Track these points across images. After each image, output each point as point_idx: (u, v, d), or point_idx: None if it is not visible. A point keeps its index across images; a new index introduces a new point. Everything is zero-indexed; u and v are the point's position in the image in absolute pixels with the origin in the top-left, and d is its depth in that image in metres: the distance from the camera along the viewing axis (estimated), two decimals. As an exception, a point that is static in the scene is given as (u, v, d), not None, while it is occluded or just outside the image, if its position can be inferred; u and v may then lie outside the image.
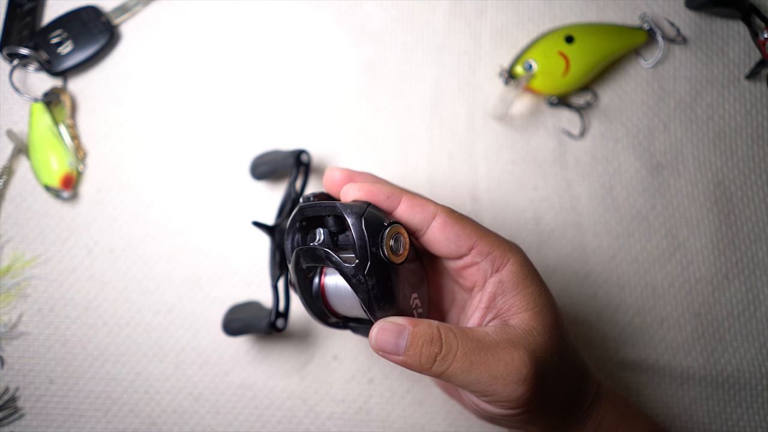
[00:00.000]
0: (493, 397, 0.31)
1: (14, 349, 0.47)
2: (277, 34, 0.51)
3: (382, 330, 0.32)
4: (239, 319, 0.45)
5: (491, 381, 0.31)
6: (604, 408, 0.37)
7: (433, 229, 0.33)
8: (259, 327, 0.42)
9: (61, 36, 0.49)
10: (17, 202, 0.49)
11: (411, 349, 0.32)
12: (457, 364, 0.31)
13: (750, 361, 0.48)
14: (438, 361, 0.31)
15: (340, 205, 0.32)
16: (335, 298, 0.35)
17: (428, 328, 0.32)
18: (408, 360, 0.32)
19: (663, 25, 0.52)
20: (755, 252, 0.50)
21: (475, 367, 0.31)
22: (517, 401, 0.31)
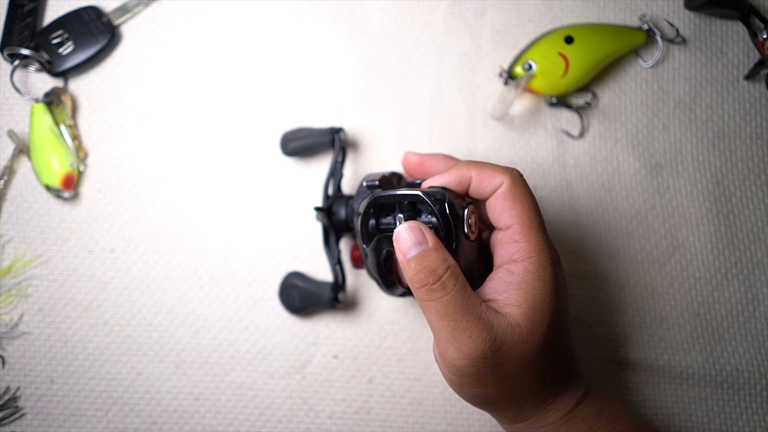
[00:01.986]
0: (443, 354, 0.33)
1: (15, 349, 0.47)
2: (277, 34, 0.52)
3: (410, 228, 0.34)
4: (299, 298, 0.47)
5: (450, 339, 0.33)
6: (587, 413, 0.36)
7: (494, 195, 0.36)
8: (323, 303, 0.46)
9: (62, 36, 0.49)
10: (18, 202, 0.49)
11: (414, 262, 0.33)
12: (436, 305, 0.33)
13: (749, 360, 0.48)
14: (425, 289, 0.33)
15: (424, 193, 0.35)
16: None
17: (442, 261, 0.33)
18: (405, 265, 0.34)
19: (662, 25, 0.52)
20: (754, 252, 0.50)
21: (446, 319, 0.33)
22: (458, 370, 0.33)
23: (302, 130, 0.49)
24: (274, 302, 0.49)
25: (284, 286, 0.47)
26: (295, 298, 0.46)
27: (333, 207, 0.45)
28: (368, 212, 0.37)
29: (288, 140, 0.49)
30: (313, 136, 0.48)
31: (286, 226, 0.50)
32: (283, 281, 0.47)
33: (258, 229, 0.49)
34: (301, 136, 0.48)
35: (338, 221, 0.45)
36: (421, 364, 0.48)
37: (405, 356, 0.48)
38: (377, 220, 0.37)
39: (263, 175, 0.50)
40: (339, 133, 0.47)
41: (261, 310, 0.48)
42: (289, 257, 0.49)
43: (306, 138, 0.48)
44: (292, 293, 0.47)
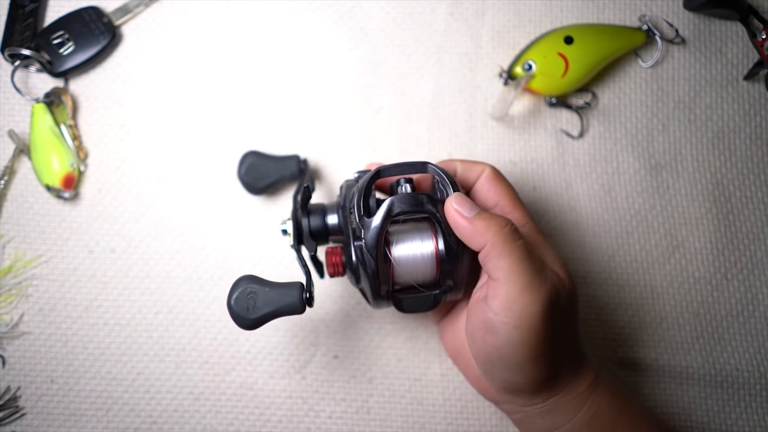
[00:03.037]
0: (513, 304, 0.33)
1: (15, 349, 0.47)
2: (277, 34, 0.52)
3: (463, 196, 0.35)
4: (262, 304, 0.36)
5: (528, 284, 0.33)
6: (601, 400, 0.37)
7: (480, 180, 0.39)
8: (291, 306, 0.36)
9: (62, 37, 0.49)
10: (19, 202, 0.49)
11: (481, 218, 0.34)
12: (520, 246, 0.34)
13: (749, 360, 0.48)
14: (507, 229, 0.34)
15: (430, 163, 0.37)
16: (408, 262, 0.37)
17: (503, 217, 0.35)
18: (478, 220, 0.34)
19: (662, 25, 0.52)
20: (754, 252, 0.50)
21: (527, 261, 0.33)
22: (530, 318, 0.33)
23: (260, 163, 0.47)
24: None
25: (239, 294, 0.36)
26: (253, 305, 0.36)
27: (308, 214, 0.41)
28: (370, 186, 0.36)
29: (250, 181, 0.46)
30: (277, 172, 0.46)
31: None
32: (234, 287, 0.36)
33: (258, 229, 0.49)
34: (263, 175, 0.47)
35: (316, 225, 0.40)
36: (421, 364, 0.48)
37: (405, 356, 0.48)
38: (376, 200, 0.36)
39: (263, 175, 0.50)
40: (303, 163, 0.46)
41: (261, 309, 0.48)
42: (289, 257, 0.49)
43: (270, 176, 0.47)
44: (247, 299, 0.36)
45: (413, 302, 0.38)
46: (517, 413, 0.38)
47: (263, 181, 0.47)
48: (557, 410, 0.36)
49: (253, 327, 0.36)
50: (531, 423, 0.38)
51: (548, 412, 0.36)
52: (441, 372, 0.48)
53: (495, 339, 0.34)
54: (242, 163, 0.47)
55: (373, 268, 0.35)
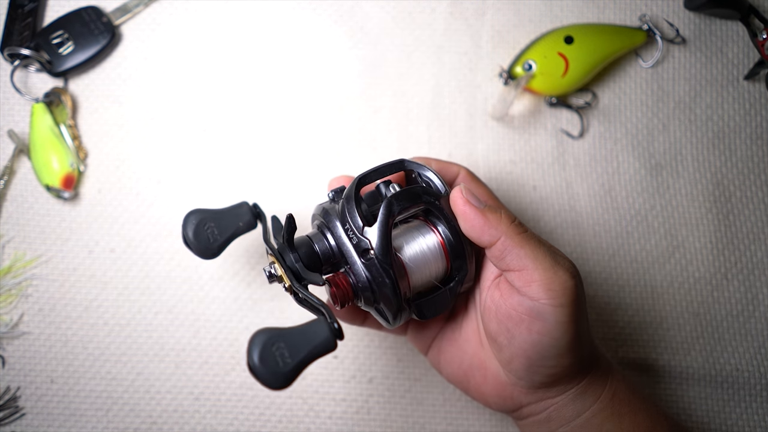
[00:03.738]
0: (551, 282, 0.33)
1: (15, 349, 0.47)
2: (277, 34, 0.52)
3: (468, 187, 0.35)
4: (292, 352, 0.31)
5: (554, 264, 0.33)
6: (617, 379, 0.37)
7: (457, 181, 0.39)
8: (323, 344, 0.31)
9: (62, 36, 0.49)
10: (18, 202, 0.49)
11: (490, 207, 0.34)
12: (532, 235, 0.34)
13: (749, 360, 0.48)
14: (517, 222, 0.34)
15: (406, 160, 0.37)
16: (418, 261, 0.35)
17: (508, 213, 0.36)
18: (490, 213, 0.34)
19: (662, 25, 0.52)
20: (754, 252, 0.50)
21: (545, 245, 0.34)
22: (567, 292, 0.33)
23: (207, 220, 0.39)
24: (273, 303, 0.49)
25: (263, 348, 0.30)
26: (283, 356, 0.30)
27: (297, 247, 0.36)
28: (358, 195, 0.34)
29: (202, 246, 0.38)
30: (230, 226, 0.39)
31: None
32: (253, 344, 0.30)
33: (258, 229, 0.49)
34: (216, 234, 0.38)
35: (307, 256, 0.35)
36: (421, 364, 0.48)
37: (405, 356, 0.48)
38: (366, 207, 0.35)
39: (263, 174, 0.50)
40: (255, 207, 0.40)
41: (261, 309, 0.48)
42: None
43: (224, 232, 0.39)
44: (275, 351, 0.30)
45: (431, 305, 0.36)
46: (545, 411, 0.37)
47: (218, 240, 0.38)
48: (588, 391, 0.36)
49: (291, 382, 0.30)
50: (561, 414, 0.37)
51: (581, 394, 0.36)
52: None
53: (543, 324, 0.33)
54: (185, 225, 0.38)
55: (392, 277, 0.33)
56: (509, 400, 0.38)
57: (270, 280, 0.36)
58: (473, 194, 0.35)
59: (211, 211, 0.39)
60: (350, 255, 0.34)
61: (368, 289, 0.34)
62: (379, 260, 0.33)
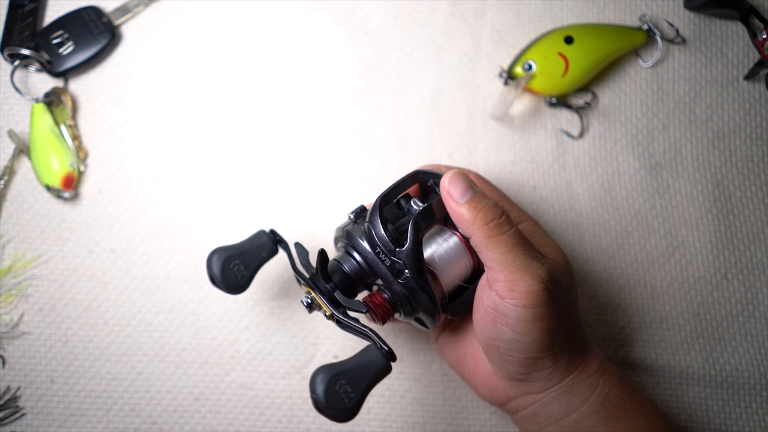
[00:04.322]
0: (516, 286, 0.34)
1: (15, 349, 0.47)
2: (277, 34, 0.52)
3: (457, 174, 0.35)
4: (354, 386, 0.33)
5: (523, 267, 0.34)
6: (611, 383, 0.37)
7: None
8: (380, 370, 0.34)
9: (62, 37, 0.49)
10: (18, 202, 0.49)
11: (474, 202, 0.34)
12: (507, 237, 0.34)
13: (749, 360, 0.48)
14: (494, 223, 0.34)
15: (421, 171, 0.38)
16: (446, 265, 0.37)
17: (494, 201, 0.35)
18: (467, 210, 0.34)
19: (662, 25, 0.52)
20: (754, 252, 0.50)
21: (518, 249, 0.34)
22: (534, 296, 0.33)
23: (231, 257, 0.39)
24: (274, 303, 0.49)
25: (327, 387, 0.32)
26: (347, 392, 0.33)
27: (329, 273, 0.37)
28: (383, 216, 0.35)
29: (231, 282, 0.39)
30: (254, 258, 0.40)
31: (286, 225, 0.50)
32: (316, 385, 0.32)
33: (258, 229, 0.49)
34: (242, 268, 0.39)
35: (345, 283, 0.37)
36: (421, 364, 0.48)
37: (405, 356, 0.48)
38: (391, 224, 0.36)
39: (262, 174, 0.50)
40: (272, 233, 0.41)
41: (261, 310, 0.48)
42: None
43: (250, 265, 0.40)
44: (338, 389, 0.32)
45: (464, 301, 0.38)
46: (531, 406, 0.38)
47: (245, 275, 0.39)
48: (573, 391, 0.37)
49: (356, 413, 0.33)
50: (546, 412, 0.37)
51: (565, 394, 0.37)
52: (441, 372, 0.48)
53: (507, 320, 0.35)
54: (211, 265, 0.39)
55: (429, 291, 0.35)
56: (497, 391, 0.39)
57: (309, 310, 0.37)
58: (460, 183, 0.35)
59: (233, 248, 0.39)
60: (386, 277, 0.36)
61: (407, 304, 0.36)
62: (415, 279, 0.35)
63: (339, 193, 0.50)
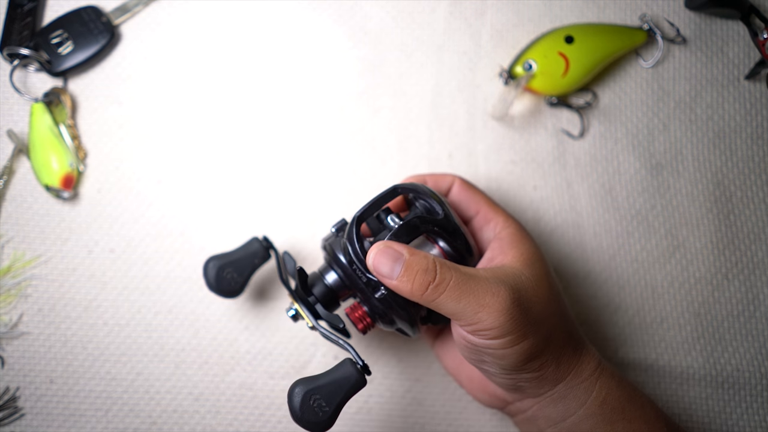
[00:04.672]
0: (478, 326, 0.34)
1: (15, 349, 0.47)
2: (277, 34, 0.52)
3: (380, 252, 0.35)
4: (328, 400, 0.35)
5: (478, 309, 0.33)
6: (609, 385, 0.37)
7: (452, 192, 0.40)
8: (354, 385, 0.36)
9: (61, 36, 0.49)
10: (18, 202, 0.49)
11: (405, 276, 0.34)
12: (449, 293, 0.34)
13: (750, 360, 0.48)
14: (431, 289, 0.34)
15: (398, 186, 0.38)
16: None
17: (424, 258, 0.34)
18: (400, 285, 0.34)
19: (663, 25, 0.52)
20: (755, 252, 0.50)
21: (465, 296, 0.34)
22: (500, 329, 0.33)
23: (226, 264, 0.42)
24: (273, 303, 0.49)
25: (302, 402, 0.35)
26: (321, 406, 0.35)
27: (311, 284, 0.39)
28: (359, 235, 0.36)
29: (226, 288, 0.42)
30: (247, 264, 0.42)
31: (286, 225, 0.49)
32: (293, 400, 0.35)
33: (258, 229, 0.49)
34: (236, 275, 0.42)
35: (323, 295, 0.39)
36: (421, 364, 0.48)
37: (405, 356, 0.48)
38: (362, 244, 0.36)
39: (262, 174, 0.50)
40: (265, 241, 0.43)
41: (261, 310, 0.48)
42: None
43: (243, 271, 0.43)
44: (312, 404, 0.35)
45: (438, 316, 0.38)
46: (529, 410, 0.38)
47: (239, 281, 0.43)
48: (569, 396, 0.37)
49: (332, 424, 0.35)
50: (544, 415, 0.38)
51: (561, 398, 0.37)
52: (441, 372, 0.48)
53: (480, 350, 0.35)
54: (207, 273, 0.42)
55: (407, 309, 0.36)
56: (494, 397, 0.40)
57: (295, 320, 0.39)
58: (384, 260, 0.34)
59: (227, 255, 0.43)
60: (363, 292, 0.37)
61: (385, 316, 0.37)
62: (391, 295, 0.36)
63: (339, 193, 0.50)
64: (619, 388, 0.38)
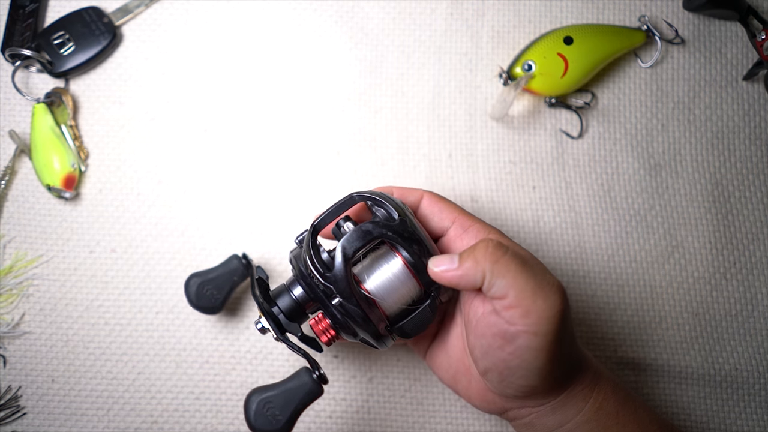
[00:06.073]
0: (530, 310, 0.33)
1: (16, 349, 0.47)
2: (277, 34, 0.52)
3: (438, 257, 0.35)
4: (281, 408, 0.36)
5: (537, 289, 0.33)
6: (605, 391, 0.37)
7: (422, 206, 0.39)
8: (309, 394, 0.36)
9: (63, 37, 0.49)
10: (20, 202, 0.49)
11: (462, 255, 0.34)
12: (510, 259, 0.33)
13: (748, 360, 0.48)
14: (491, 248, 0.34)
15: (356, 193, 0.38)
16: (387, 289, 0.36)
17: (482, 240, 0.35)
18: (464, 265, 0.34)
19: (661, 26, 0.52)
20: (753, 252, 0.50)
21: (528, 268, 0.33)
22: (547, 322, 0.33)
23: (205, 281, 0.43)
24: (274, 302, 0.49)
25: (256, 411, 0.35)
26: (275, 414, 0.35)
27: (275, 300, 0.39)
28: (315, 244, 0.36)
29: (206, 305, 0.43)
30: (226, 281, 0.43)
31: (286, 225, 0.50)
32: (248, 408, 0.36)
33: (258, 229, 0.50)
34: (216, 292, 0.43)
35: (288, 307, 0.38)
36: (421, 364, 0.48)
37: (405, 356, 0.48)
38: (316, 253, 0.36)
39: (262, 174, 0.50)
40: (244, 258, 0.43)
41: (261, 309, 0.49)
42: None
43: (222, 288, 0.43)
44: (266, 412, 0.35)
45: (414, 323, 0.37)
46: (527, 416, 0.38)
47: (218, 297, 0.44)
48: (567, 404, 0.37)
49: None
50: (542, 423, 0.38)
51: (559, 407, 0.37)
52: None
53: (514, 347, 0.34)
54: (188, 290, 0.44)
55: (361, 315, 0.35)
56: (492, 404, 0.39)
57: (262, 333, 0.39)
58: (443, 257, 0.35)
59: (207, 272, 0.44)
60: (321, 301, 0.36)
61: (346, 326, 0.36)
62: (346, 303, 0.35)
63: (339, 193, 0.50)
64: (614, 393, 0.38)
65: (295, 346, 0.38)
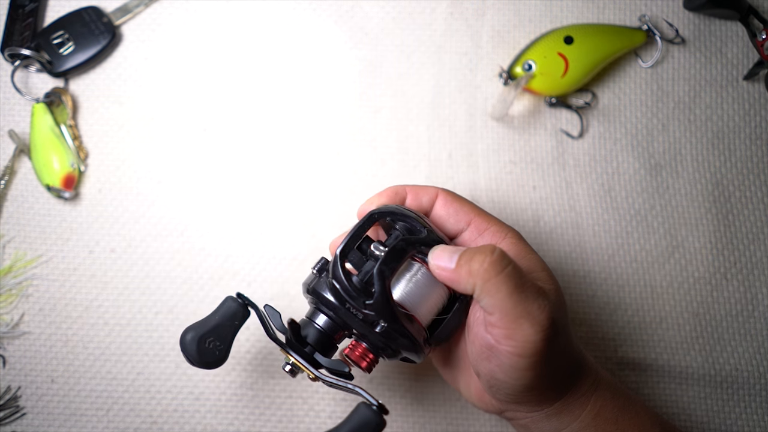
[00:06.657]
0: (514, 334, 0.32)
1: (16, 349, 0.47)
2: (277, 34, 0.52)
3: (439, 249, 0.35)
4: None
5: (524, 314, 0.32)
6: (603, 397, 0.37)
7: (436, 207, 0.37)
8: (374, 427, 0.34)
9: (62, 37, 0.49)
10: (19, 202, 0.49)
11: (466, 255, 0.33)
12: (507, 276, 0.32)
13: (748, 360, 0.48)
14: (487, 262, 0.33)
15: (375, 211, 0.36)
16: (418, 300, 0.36)
17: (484, 245, 0.34)
18: (458, 268, 0.33)
19: (662, 25, 0.52)
20: (753, 252, 0.50)
21: (519, 291, 0.32)
22: (532, 347, 0.32)
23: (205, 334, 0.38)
24: (274, 302, 0.48)
25: None
26: None
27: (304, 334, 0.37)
28: (345, 271, 0.34)
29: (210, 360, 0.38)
30: (227, 328, 0.39)
31: (286, 225, 0.50)
32: None
33: (258, 229, 0.50)
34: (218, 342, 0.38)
35: (318, 341, 0.37)
36: (421, 364, 0.48)
37: (405, 356, 0.48)
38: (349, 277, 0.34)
39: (262, 174, 0.50)
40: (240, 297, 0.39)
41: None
42: (289, 257, 0.49)
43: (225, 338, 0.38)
44: None
45: (448, 328, 0.37)
46: (523, 419, 0.38)
47: (222, 348, 0.39)
48: (564, 411, 0.36)
49: None
50: (537, 427, 0.38)
51: (554, 415, 0.37)
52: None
53: (499, 363, 0.33)
54: (186, 347, 0.37)
55: (410, 336, 0.34)
56: (490, 404, 0.39)
57: (293, 375, 0.37)
58: (444, 252, 0.34)
59: (205, 323, 0.38)
60: (361, 329, 0.35)
61: (388, 349, 0.35)
62: (391, 327, 0.34)
63: (339, 193, 0.50)
64: (613, 398, 0.37)
65: (337, 382, 0.36)
